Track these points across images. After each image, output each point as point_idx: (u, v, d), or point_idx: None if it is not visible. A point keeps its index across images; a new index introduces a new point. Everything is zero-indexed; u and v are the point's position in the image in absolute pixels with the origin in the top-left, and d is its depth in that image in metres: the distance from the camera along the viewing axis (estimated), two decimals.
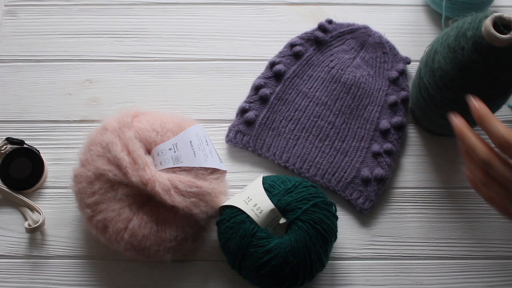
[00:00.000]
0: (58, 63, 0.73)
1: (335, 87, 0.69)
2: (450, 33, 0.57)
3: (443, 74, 0.57)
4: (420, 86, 0.62)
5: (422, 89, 0.61)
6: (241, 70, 0.72)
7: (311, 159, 0.66)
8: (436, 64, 0.58)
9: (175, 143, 0.59)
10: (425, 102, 0.62)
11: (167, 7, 0.76)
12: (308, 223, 0.55)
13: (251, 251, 0.54)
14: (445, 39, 0.57)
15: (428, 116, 0.64)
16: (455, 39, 0.55)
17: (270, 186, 0.58)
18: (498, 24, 0.51)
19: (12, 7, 0.76)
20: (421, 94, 0.62)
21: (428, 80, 0.59)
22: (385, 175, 0.65)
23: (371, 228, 0.64)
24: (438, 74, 0.57)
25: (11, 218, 0.64)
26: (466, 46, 0.53)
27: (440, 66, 0.57)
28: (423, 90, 0.61)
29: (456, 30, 0.56)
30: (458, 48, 0.54)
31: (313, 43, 0.72)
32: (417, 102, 0.65)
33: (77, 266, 0.62)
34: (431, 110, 0.62)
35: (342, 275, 0.62)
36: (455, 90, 0.57)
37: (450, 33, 0.57)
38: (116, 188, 0.56)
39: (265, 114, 0.68)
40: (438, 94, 0.59)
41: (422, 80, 0.61)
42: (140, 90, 0.71)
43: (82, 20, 0.75)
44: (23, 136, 0.68)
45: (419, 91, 0.63)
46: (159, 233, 0.56)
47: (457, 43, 0.55)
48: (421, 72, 0.61)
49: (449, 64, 0.56)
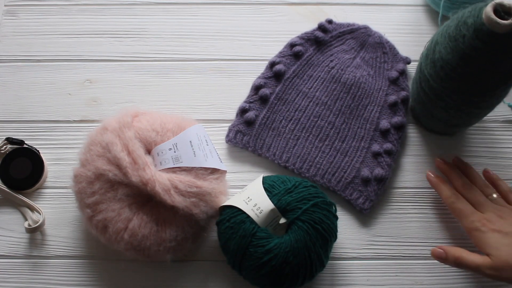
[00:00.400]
0: (58, 63, 0.73)
1: (335, 87, 0.69)
2: (450, 24, 0.57)
3: (444, 64, 0.57)
4: (420, 79, 0.62)
5: (423, 82, 0.61)
6: (241, 70, 0.72)
7: (311, 159, 0.66)
8: (437, 54, 0.58)
9: (175, 143, 0.59)
10: (426, 95, 0.62)
11: (167, 7, 0.76)
12: (308, 223, 0.55)
13: (251, 251, 0.54)
14: (446, 30, 0.57)
15: (428, 111, 0.64)
16: (455, 28, 0.55)
17: (270, 186, 0.58)
18: (498, 10, 0.52)
19: (12, 7, 0.76)
20: (422, 87, 0.62)
21: (429, 72, 0.59)
22: (385, 175, 0.65)
23: (371, 228, 0.64)
24: (439, 64, 0.58)
25: (11, 218, 0.64)
26: (467, 34, 0.54)
27: (441, 56, 0.57)
28: (424, 83, 0.61)
29: (456, 19, 0.56)
30: (459, 36, 0.55)
31: (313, 43, 0.72)
32: (417, 98, 0.65)
33: (77, 266, 0.62)
34: (432, 103, 0.62)
35: (342, 275, 0.62)
36: (456, 80, 0.57)
37: (450, 24, 0.57)
38: (116, 188, 0.56)
39: (265, 114, 0.68)
40: (439, 85, 0.59)
41: (422, 73, 0.61)
42: (140, 90, 0.71)
43: (82, 20, 0.75)
44: (23, 136, 0.68)
45: (419, 85, 0.63)
46: (159, 233, 0.56)
47: (457, 31, 0.55)
48: (422, 66, 0.62)
49: (450, 54, 0.56)
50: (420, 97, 0.64)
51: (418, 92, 0.64)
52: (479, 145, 0.68)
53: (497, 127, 0.69)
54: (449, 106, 0.60)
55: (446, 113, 0.62)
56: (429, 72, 0.60)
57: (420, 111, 0.67)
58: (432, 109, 0.63)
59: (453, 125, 0.65)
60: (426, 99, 0.63)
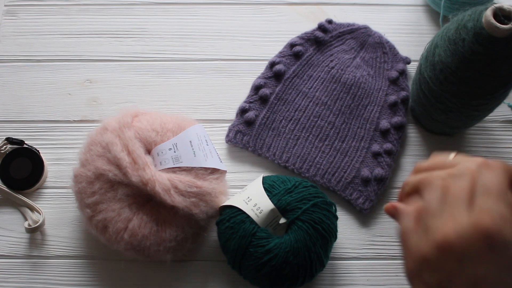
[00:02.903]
0: (58, 63, 0.73)
1: (335, 87, 0.69)
2: (450, 27, 0.57)
3: (443, 67, 0.57)
4: (420, 81, 0.62)
5: (423, 84, 0.62)
6: (241, 70, 0.72)
7: (311, 159, 0.66)
8: (436, 57, 0.58)
9: (175, 143, 0.59)
10: (425, 97, 0.62)
11: (167, 7, 0.76)
12: (308, 223, 0.55)
13: (251, 251, 0.54)
14: (445, 33, 0.57)
15: (428, 113, 0.64)
16: (455, 32, 0.55)
17: (270, 186, 0.58)
18: (498, 14, 0.52)
19: (12, 7, 0.76)
20: (422, 89, 0.62)
21: (429, 75, 0.59)
22: (385, 175, 0.65)
23: (371, 228, 0.64)
24: (439, 67, 0.58)
25: (11, 218, 0.64)
26: (466, 38, 0.54)
27: (441, 59, 0.57)
28: (423, 85, 0.62)
29: (456, 23, 0.56)
30: (458, 40, 0.55)
31: (313, 43, 0.72)
32: (417, 99, 0.65)
33: (77, 266, 0.62)
34: (432, 106, 0.62)
35: (342, 275, 0.62)
36: (455, 83, 0.57)
37: (450, 27, 0.57)
38: (116, 188, 0.56)
39: (265, 114, 0.68)
40: (438, 88, 0.59)
41: (422, 75, 0.61)
42: (140, 90, 0.71)
43: (82, 20, 0.75)
44: (23, 136, 0.68)
45: (419, 87, 0.63)
46: (159, 233, 0.56)
47: (457, 35, 0.55)
48: (422, 68, 0.62)
49: (449, 57, 0.56)
50: (420, 99, 0.64)
51: (417, 94, 0.64)
52: (479, 145, 0.68)
53: (497, 127, 0.69)
54: (449, 108, 0.60)
55: (445, 115, 0.62)
56: (428, 74, 0.60)
57: (420, 112, 0.67)
58: (431, 111, 0.63)
59: (452, 126, 0.65)
60: (425, 101, 0.63)
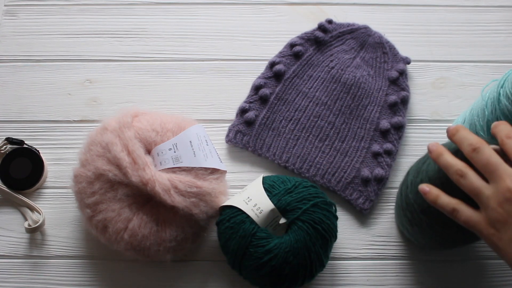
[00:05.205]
0: (58, 63, 0.73)
1: (335, 87, 0.69)
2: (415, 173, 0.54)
3: (414, 210, 0.54)
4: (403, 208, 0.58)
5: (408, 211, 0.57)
6: (241, 70, 0.72)
7: (311, 159, 0.66)
8: (407, 199, 0.55)
9: (175, 143, 0.59)
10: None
11: (167, 7, 0.76)
12: (308, 223, 0.55)
13: (251, 251, 0.54)
14: (412, 180, 0.54)
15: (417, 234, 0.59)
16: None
17: (270, 186, 0.58)
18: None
19: (12, 7, 0.76)
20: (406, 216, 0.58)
21: (414, 198, 0.54)
22: (385, 175, 0.65)
23: (371, 228, 0.64)
24: (410, 209, 0.55)
25: (11, 218, 0.64)
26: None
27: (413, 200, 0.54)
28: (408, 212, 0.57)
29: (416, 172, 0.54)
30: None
31: (313, 43, 0.72)
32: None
33: (77, 266, 0.62)
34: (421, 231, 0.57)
35: (342, 275, 0.62)
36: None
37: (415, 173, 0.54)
38: (116, 188, 0.56)
39: (265, 114, 0.68)
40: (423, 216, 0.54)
41: (405, 202, 0.56)
42: (140, 90, 0.71)
43: (82, 20, 0.75)
44: (23, 136, 0.68)
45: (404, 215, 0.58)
46: (159, 233, 0.56)
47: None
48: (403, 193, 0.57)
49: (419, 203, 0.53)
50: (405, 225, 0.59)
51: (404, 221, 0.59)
52: None
53: None
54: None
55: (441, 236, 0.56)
56: (413, 197, 0.55)
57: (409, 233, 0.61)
58: (420, 235, 0.59)
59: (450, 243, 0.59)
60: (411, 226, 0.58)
